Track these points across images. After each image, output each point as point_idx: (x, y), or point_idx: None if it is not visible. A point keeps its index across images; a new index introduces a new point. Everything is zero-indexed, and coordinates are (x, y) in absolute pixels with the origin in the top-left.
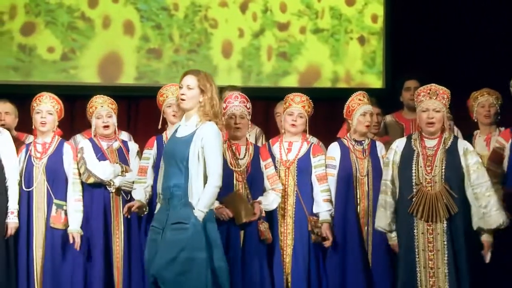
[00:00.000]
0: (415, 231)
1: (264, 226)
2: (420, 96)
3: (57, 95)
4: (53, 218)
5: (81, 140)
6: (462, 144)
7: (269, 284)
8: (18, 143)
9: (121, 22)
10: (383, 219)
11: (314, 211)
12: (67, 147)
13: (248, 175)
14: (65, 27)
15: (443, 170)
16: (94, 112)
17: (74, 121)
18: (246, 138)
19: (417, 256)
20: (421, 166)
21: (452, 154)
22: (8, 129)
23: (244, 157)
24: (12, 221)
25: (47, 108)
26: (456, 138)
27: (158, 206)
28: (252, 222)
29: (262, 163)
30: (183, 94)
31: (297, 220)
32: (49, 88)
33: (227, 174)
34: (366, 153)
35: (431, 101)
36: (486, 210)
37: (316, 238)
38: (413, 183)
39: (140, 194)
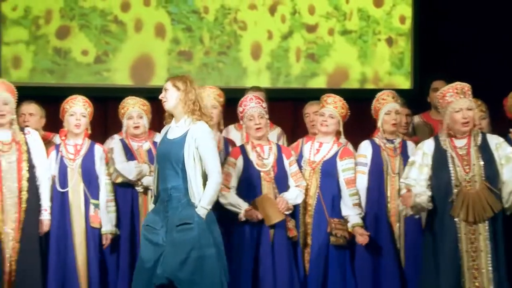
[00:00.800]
0: (458, 234)
1: (292, 224)
2: (447, 96)
3: (90, 97)
4: (92, 217)
5: (115, 143)
6: (493, 138)
7: (297, 281)
8: (45, 142)
9: (153, 25)
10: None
11: (343, 214)
12: (98, 148)
13: (275, 174)
14: (99, 30)
15: (481, 169)
16: (126, 113)
17: (107, 122)
18: (268, 138)
19: (461, 259)
20: (458, 167)
21: (485, 151)
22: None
23: (269, 157)
24: (47, 218)
25: (80, 111)
26: (484, 133)
27: (151, 206)
28: (281, 221)
29: (286, 161)
30: (162, 97)
31: (316, 221)
32: (83, 90)
33: (254, 175)
34: (398, 152)
35: (462, 101)
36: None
37: (336, 240)
38: (452, 185)
39: None
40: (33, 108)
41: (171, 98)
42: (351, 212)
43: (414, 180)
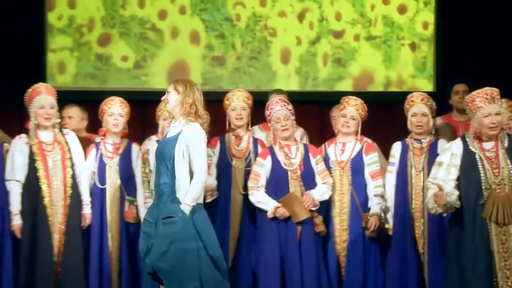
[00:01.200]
0: (489, 235)
1: (319, 220)
2: (476, 101)
3: (129, 100)
4: (126, 213)
5: (151, 143)
6: None
7: (325, 275)
8: (87, 142)
9: (188, 32)
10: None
11: (368, 206)
12: (135, 148)
13: (302, 173)
14: (137, 37)
15: (511, 172)
16: (162, 115)
17: (145, 124)
18: (295, 138)
19: (493, 259)
20: (488, 170)
21: None
22: (74, 131)
23: (295, 156)
24: (88, 211)
25: (118, 111)
26: (510, 136)
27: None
28: (308, 218)
29: (312, 160)
30: (164, 99)
31: (352, 217)
32: (123, 93)
33: (282, 174)
34: (424, 150)
35: (491, 106)
36: None
37: (370, 233)
38: (483, 187)
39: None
40: (73, 111)
41: (171, 100)
42: (372, 202)
43: (442, 180)
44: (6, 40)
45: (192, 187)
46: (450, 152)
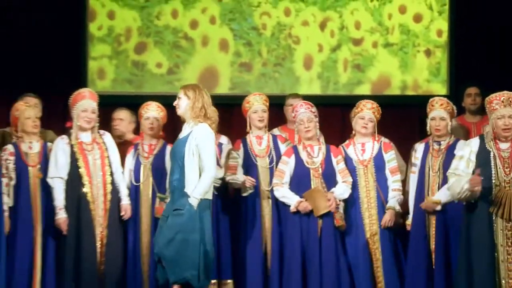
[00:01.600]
0: (494, 229)
1: (339, 215)
2: (493, 103)
3: (163, 104)
4: (156, 209)
5: None
6: None
7: (345, 266)
8: (130, 144)
9: (217, 40)
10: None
11: (387, 198)
12: (168, 148)
13: (323, 171)
14: (171, 45)
15: None
16: None
17: (178, 126)
18: (318, 139)
19: (496, 252)
20: (499, 168)
21: None
22: (122, 133)
23: (318, 155)
24: (128, 203)
25: (154, 115)
26: None
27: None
28: (328, 213)
29: (334, 160)
30: (175, 104)
31: (379, 211)
32: (157, 98)
33: (305, 172)
34: (442, 151)
35: (505, 109)
36: None
37: (383, 226)
38: (493, 184)
39: (241, 175)
40: (123, 114)
41: (182, 105)
42: (389, 196)
43: (462, 171)
44: (51, 48)
45: (201, 181)
46: (469, 148)
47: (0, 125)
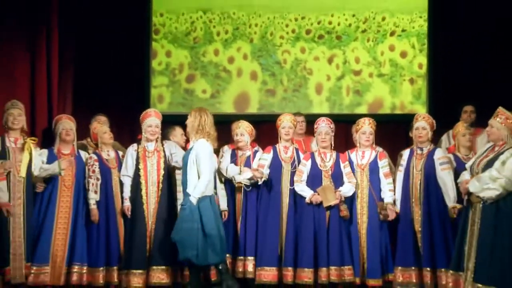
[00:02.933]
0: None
1: (343, 207)
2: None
3: None
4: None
5: (226, 152)
6: None
7: (347, 246)
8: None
9: (249, 72)
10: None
11: (382, 196)
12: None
13: (332, 173)
14: (213, 76)
15: None
16: (234, 131)
17: (219, 138)
18: (331, 147)
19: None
20: None
21: None
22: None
23: (329, 160)
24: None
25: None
26: None
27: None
28: (335, 205)
29: (342, 165)
30: (186, 123)
31: (370, 205)
32: None
33: (318, 173)
34: (424, 155)
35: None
36: None
37: (383, 216)
38: None
39: (265, 172)
40: (178, 130)
41: (188, 124)
42: (386, 195)
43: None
44: (124, 78)
45: (198, 184)
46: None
47: (82, 137)
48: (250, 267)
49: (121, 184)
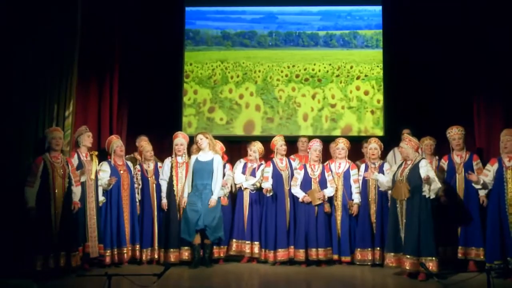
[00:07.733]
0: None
1: (327, 205)
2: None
3: (224, 141)
4: (221, 200)
5: (239, 164)
6: None
7: (329, 233)
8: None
9: (254, 105)
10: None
11: (352, 198)
12: (227, 166)
13: (319, 180)
14: (228, 108)
15: None
16: (251, 149)
17: (232, 154)
18: (319, 161)
19: None
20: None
21: None
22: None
23: (317, 170)
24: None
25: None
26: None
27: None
28: (321, 203)
29: (326, 174)
30: (199, 142)
31: (343, 204)
32: (221, 138)
33: (308, 179)
34: (376, 168)
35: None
36: None
37: (352, 211)
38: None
39: (268, 184)
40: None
41: (204, 143)
42: (354, 196)
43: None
44: (162, 110)
45: (217, 188)
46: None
47: (129, 152)
48: (256, 249)
49: (157, 187)
